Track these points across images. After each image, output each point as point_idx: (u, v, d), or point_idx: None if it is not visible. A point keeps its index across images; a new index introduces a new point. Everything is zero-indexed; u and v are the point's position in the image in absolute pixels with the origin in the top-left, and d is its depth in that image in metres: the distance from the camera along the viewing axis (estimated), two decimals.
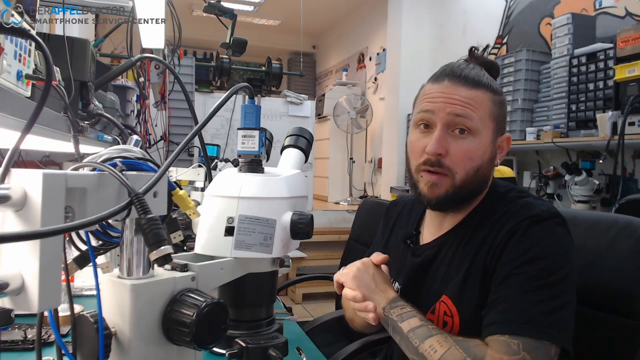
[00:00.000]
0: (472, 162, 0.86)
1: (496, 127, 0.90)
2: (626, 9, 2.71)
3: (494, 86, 0.91)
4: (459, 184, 0.86)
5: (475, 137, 0.85)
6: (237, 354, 0.64)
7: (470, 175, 0.86)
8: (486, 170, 0.90)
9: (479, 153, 0.86)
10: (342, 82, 6.23)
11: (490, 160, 0.90)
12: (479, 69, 0.92)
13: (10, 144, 0.47)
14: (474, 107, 0.85)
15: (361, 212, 2.23)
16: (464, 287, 0.86)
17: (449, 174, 0.86)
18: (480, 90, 0.87)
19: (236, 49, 2.55)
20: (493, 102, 0.89)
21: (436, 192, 0.87)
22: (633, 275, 0.90)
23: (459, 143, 0.85)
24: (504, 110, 0.92)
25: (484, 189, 0.93)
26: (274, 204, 0.66)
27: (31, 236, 0.39)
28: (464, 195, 0.89)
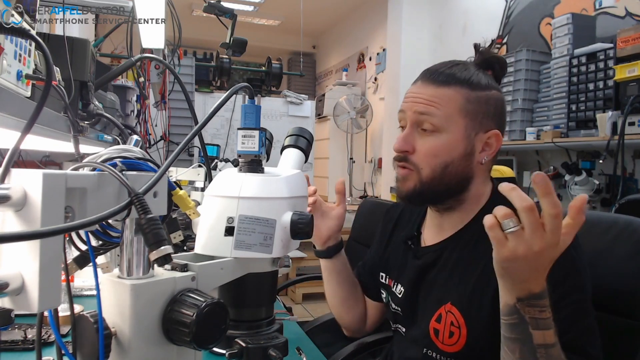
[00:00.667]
0: (437, 158, 0.87)
1: (472, 124, 0.88)
2: (626, 9, 2.71)
3: (475, 82, 0.88)
4: (426, 180, 0.88)
5: (441, 134, 0.87)
6: (237, 354, 0.64)
7: (437, 172, 0.87)
8: (460, 167, 0.88)
9: (445, 149, 0.87)
10: (342, 82, 6.23)
11: (465, 157, 0.88)
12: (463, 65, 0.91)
13: (10, 144, 0.47)
14: (439, 104, 0.87)
15: (361, 212, 2.23)
16: (473, 298, 0.85)
17: (415, 170, 0.89)
18: (452, 87, 0.87)
19: (236, 49, 2.55)
20: (467, 99, 0.87)
21: (405, 185, 0.91)
22: (633, 275, 0.90)
23: (424, 140, 0.88)
24: (488, 107, 0.89)
25: (466, 185, 0.91)
26: (274, 204, 0.66)
27: (31, 236, 0.39)
28: (435, 192, 0.89)
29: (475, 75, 0.90)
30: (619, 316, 0.91)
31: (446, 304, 0.88)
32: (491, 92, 0.90)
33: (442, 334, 0.89)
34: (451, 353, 0.88)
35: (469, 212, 0.93)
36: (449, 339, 0.87)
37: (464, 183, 0.91)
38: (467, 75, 0.89)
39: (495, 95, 0.91)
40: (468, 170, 0.90)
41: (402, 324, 1.01)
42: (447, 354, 0.88)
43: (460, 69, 0.90)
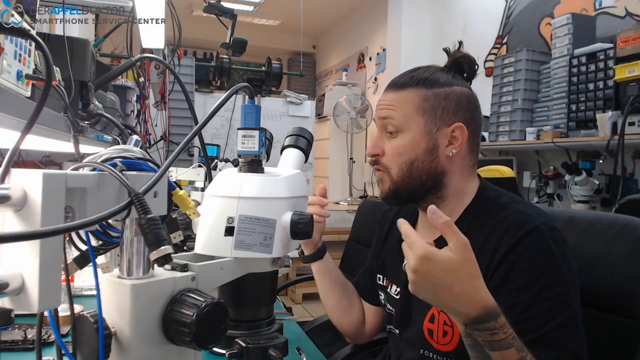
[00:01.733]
0: (402, 157, 0.92)
1: (432, 121, 0.91)
2: (626, 9, 2.71)
3: (431, 80, 0.92)
4: (396, 179, 0.92)
5: (403, 134, 0.92)
6: (237, 354, 0.64)
7: (404, 170, 0.92)
8: (426, 163, 0.91)
9: (408, 148, 0.91)
10: (342, 82, 6.23)
11: (429, 152, 0.91)
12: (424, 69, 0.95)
13: (10, 144, 0.47)
14: (396, 107, 0.92)
15: (361, 212, 2.23)
16: None
17: (386, 171, 0.94)
18: (407, 90, 0.92)
19: (236, 49, 2.55)
20: (424, 97, 0.91)
21: (382, 187, 0.96)
22: (632, 274, 0.90)
23: (389, 142, 0.94)
24: (449, 102, 0.91)
25: (440, 179, 0.92)
26: (274, 204, 0.66)
27: (31, 236, 0.39)
28: (410, 189, 0.92)
29: (433, 74, 0.94)
30: (617, 316, 0.91)
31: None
32: (452, 88, 0.93)
33: (436, 334, 0.89)
34: (447, 352, 0.88)
35: (454, 210, 0.93)
36: (443, 338, 0.88)
37: (436, 178, 0.93)
38: (425, 75, 0.93)
39: (456, 90, 0.93)
40: (437, 165, 0.92)
41: (396, 325, 1.02)
42: (443, 353, 0.89)
43: (420, 72, 0.94)
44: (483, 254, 0.84)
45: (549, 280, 0.78)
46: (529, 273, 0.79)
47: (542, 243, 0.80)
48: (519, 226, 0.82)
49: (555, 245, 0.81)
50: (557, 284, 0.78)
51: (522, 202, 0.90)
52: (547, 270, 0.79)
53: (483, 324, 0.67)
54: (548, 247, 0.80)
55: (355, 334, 1.22)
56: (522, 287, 0.79)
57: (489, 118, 3.29)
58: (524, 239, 0.81)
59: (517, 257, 0.80)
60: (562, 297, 0.78)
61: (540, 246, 0.80)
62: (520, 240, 0.81)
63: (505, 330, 0.68)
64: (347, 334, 1.23)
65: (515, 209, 0.87)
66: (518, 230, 0.82)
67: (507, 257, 0.81)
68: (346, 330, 1.21)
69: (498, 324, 0.68)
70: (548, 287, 0.78)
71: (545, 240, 0.80)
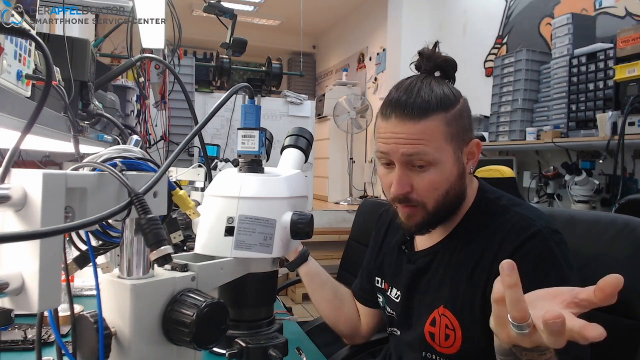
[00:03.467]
0: (439, 190, 0.86)
1: (457, 144, 0.87)
2: (626, 9, 2.70)
3: (445, 101, 0.85)
4: (432, 211, 0.88)
5: (437, 166, 0.85)
6: (237, 354, 0.64)
7: (440, 202, 0.87)
8: (458, 188, 0.89)
9: (443, 179, 0.86)
10: (342, 82, 6.23)
11: (460, 176, 0.89)
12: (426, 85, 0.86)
13: (10, 144, 0.47)
14: (426, 140, 0.83)
15: (361, 212, 2.23)
16: (465, 300, 0.85)
17: (420, 205, 0.87)
18: (430, 118, 0.83)
19: (236, 49, 2.55)
20: (447, 123, 0.84)
21: (412, 221, 0.89)
22: (632, 274, 0.90)
23: (421, 177, 0.85)
24: (463, 120, 0.87)
25: (463, 199, 0.92)
26: (274, 204, 0.66)
27: (31, 236, 0.39)
28: (442, 217, 0.90)
29: (442, 93, 0.86)
30: (617, 316, 0.91)
31: (439, 308, 0.88)
32: (459, 102, 0.88)
33: (438, 337, 0.89)
34: (450, 355, 0.88)
35: (457, 214, 0.93)
36: (445, 341, 0.88)
37: (462, 197, 0.92)
38: (437, 97, 0.85)
39: (462, 104, 0.89)
40: (464, 186, 0.91)
41: (398, 327, 1.02)
42: (446, 355, 0.89)
43: (427, 93, 0.85)
44: (485, 257, 0.84)
45: (552, 284, 0.78)
46: (533, 277, 0.78)
47: (544, 247, 0.80)
48: (520, 230, 0.82)
49: (557, 248, 0.81)
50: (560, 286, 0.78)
51: (522, 205, 0.90)
52: (550, 274, 0.78)
53: None
54: (550, 251, 0.80)
55: (351, 333, 1.21)
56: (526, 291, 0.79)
57: (489, 118, 3.29)
58: (526, 243, 0.80)
59: (520, 261, 0.80)
60: None
61: (542, 250, 0.80)
62: (523, 244, 0.81)
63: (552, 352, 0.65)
64: (344, 334, 1.23)
65: (516, 212, 0.87)
66: (520, 234, 0.82)
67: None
68: (342, 330, 1.21)
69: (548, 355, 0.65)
70: None
71: (547, 244, 0.80)
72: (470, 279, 0.85)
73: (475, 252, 0.86)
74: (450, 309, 0.87)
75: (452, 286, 0.88)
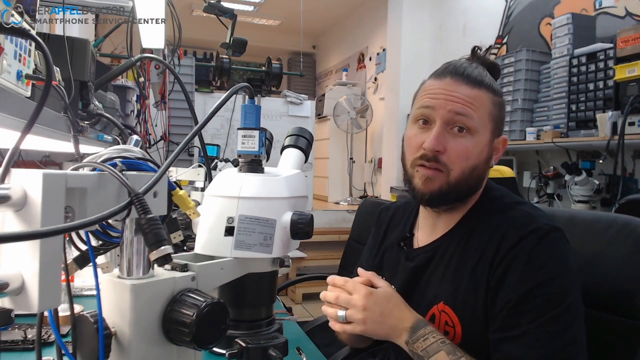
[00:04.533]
0: (469, 161, 0.86)
1: (494, 128, 0.90)
2: (626, 9, 2.71)
3: (494, 87, 0.91)
4: (454, 182, 0.86)
5: (474, 136, 0.86)
6: (237, 354, 0.64)
7: (465, 174, 0.86)
8: (482, 171, 0.90)
9: (476, 152, 0.86)
10: (342, 82, 6.24)
11: (487, 161, 0.90)
12: (481, 68, 0.92)
13: (10, 144, 0.47)
14: (475, 106, 0.85)
15: (361, 212, 2.23)
16: (465, 297, 0.85)
17: (445, 171, 0.86)
18: (482, 90, 0.87)
19: (236, 49, 2.55)
20: (493, 103, 0.89)
21: (430, 187, 0.87)
22: (632, 274, 0.90)
23: (457, 141, 0.86)
24: (502, 112, 0.92)
25: (478, 189, 0.93)
26: (274, 204, 0.66)
27: (31, 236, 0.39)
28: (458, 194, 0.89)
29: (492, 80, 0.92)
30: (617, 316, 0.91)
31: (438, 304, 0.88)
32: (502, 98, 0.93)
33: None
34: None
35: (460, 210, 0.93)
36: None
37: (478, 186, 0.92)
38: (490, 79, 0.91)
39: (504, 101, 0.94)
40: (485, 174, 0.92)
41: None
42: None
43: (482, 72, 0.90)
44: (487, 252, 0.84)
45: (545, 278, 0.78)
46: (526, 270, 0.79)
47: (541, 242, 0.81)
48: (521, 226, 0.83)
49: (554, 244, 0.81)
50: (552, 282, 0.78)
51: (526, 204, 0.90)
52: (543, 269, 0.79)
53: (417, 332, 0.81)
54: (546, 246, 0.80)
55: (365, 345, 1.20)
56: (518, 283, 0.79)
57: None
58: (525, 238, 0.81)
59: (517, 254, 0.81)
60: (555, 296, 0.78)
61: (539, 245, 0.80)
62: (522, 239, 0.81)
63: (434, 335, 0.81)
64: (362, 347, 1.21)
65: (519, 210, 0.87)
66: (520, 230, 0.82)
67: (507, 256, 0.81)
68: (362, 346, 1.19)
69: (427, 330, 0.82)
70: (542, 285, 0.78)
71: (544, 240, 0.81)
72: (473, 275, 0.85)
73: (478, 248, 0.86)
74: (450, 305, 0.87)
75: (453, 282, 0.88)
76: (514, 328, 0.78)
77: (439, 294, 0.89)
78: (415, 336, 0.81)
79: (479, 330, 0.83)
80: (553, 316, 0.76)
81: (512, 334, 0.78)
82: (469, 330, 0.84)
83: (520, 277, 0.79)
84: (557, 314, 0.76)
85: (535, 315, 0.77)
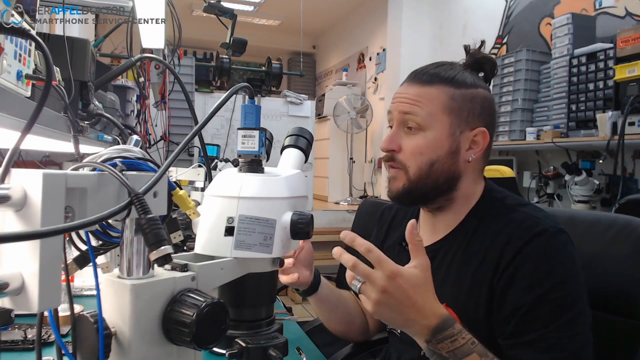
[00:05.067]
0: (423, 156, 0.88)
1: (457, 122, 0.89)
2: (626, 9, 2.71)
3: (460, 80, 0.89)
4: (413, 178, 0.89)
5: (426, 132, 0.88)
6: (237, 354, 0.64)
7: (423, 170, 0.88)
8: (446, 165, 0.89)
9: (430, 147, 0.88)
10: (342, 82, 6.23)
11: (451, 154, 0.89)
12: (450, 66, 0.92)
13: (10, 144, 0.47)
14: (422, 103, 0.88)
15: (361, 212, 2.23)
16: (468, 297, 0.85)
17: (403, 169, 0.90)
18: (435, 85, 0.89)
19: (236, 49, 2.55)
20: (451, 97, 0.88)
21: (395, 185, 0.91)
22: (632, 274, 0.90)
23: (409, 139, 0.89)
24: (474, 104, 0.89)
25: (455, 183, 0.91)
26: (274, 204, 0.66)
27: (31, 236, 0.39)
28: (423, 190, 0.90)
29: (460, 74, 0.91)
30: (618, 316, 0.91)
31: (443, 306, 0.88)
32: (477, 90, 0.91)
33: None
34: None
35: (460, 212, 0.93)
36: None
37: (452, 181, 0.91)
38: (452, 74, 0.90)
39: (482, 93, 0.91)
40: (455, 168, 0.90)
41: None
42: None
43: (446, 69, 0.91)
44: (490, 255, 0.84)
45: (554, 282, 0.78)
46: (535, 275, 0.79)
47: (548, 246, 0.80)
48: (526, 229, 0.82)
49: (561, 247, 0.81)
50: (562, 286, 0.78)
51: (528, 205, 0.90)
52: (553, 273, 0.78)
53: (443, 332, 0.72)
54: (554, 250, 0.80)
55: (362, 338, 1.21)
56: (528, 288, 0.79)
57: None
58: (531, 242, 0.80)
59: (525, 258, 0.80)
60: (566, 300, 0.77)
61: (546, 249, 0.80)
62: (528, 243, 0.81)
63: (464, 336, 0.73)
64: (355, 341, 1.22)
65: (523, 212, 0.86)
66: (526, 233, 0.81)
67: (514, 259, 0.81)
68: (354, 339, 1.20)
69: (456, 330, 0.73)
70: (553, 290, 0.77)
71: (551, 243, 0.80)
72: (475, 277, 0.85)
73: (480, 250, 0.86)
74: (452, 307, 0.87)
75: (455, 284, 0.88)
76: (526, 333, 0.77)
77: (441, 296, 0.89)
78: (441, 336, 0.72)
79: (480, 332, 0.82)
80: (566, 321, 0.76)
81: (525, 340, 0.77)
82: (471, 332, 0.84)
83: (530, 282, 0.79)
84: (569, 318, 0.76)
85: (548, 321, 0.76)
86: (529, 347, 0.76)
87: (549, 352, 0.75)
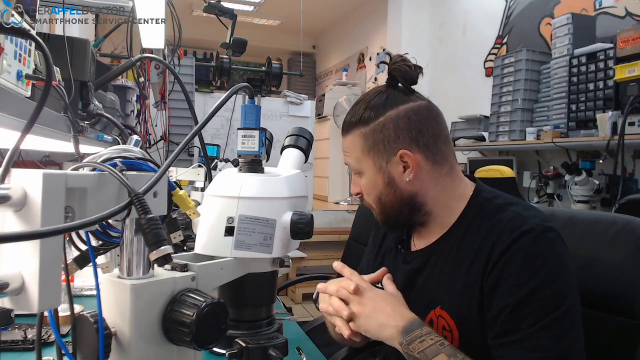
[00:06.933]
0: (370, 195, 0.94)
1: (376, 156, 0.89)
2: (626, 9, 2.71)
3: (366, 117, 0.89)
4: (380, 211, 0.95)
5: (363, 175, 0.94)
6: (237, 354, 0.64)
7: (379, 204, 0.94)
8: (391, 195, 0.91)
9: (371, 186, 0.93)
10: (342, 82, 6.23)
11: (389, 185, 0.90)
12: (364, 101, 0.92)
13: (10, 144, 0.47)
14: (349, 152, 0.95)
15: (361, 212, 2.23)
16: (461, 300, 0.85)
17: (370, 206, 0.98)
18: (351, 132, 0.93)
19: (236, 49, 2.55)
20: (364, 137, 0.90)
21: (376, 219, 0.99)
22: (632, 274, 0.90)
23: (361, 182, 0.96)
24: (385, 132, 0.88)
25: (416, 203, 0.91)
26: (274, 204, 0.66)
27: (31, 236, 0.39)
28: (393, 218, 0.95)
29: (367, 108, 0.90)
30: (617, 316, 0.91)
31: (435, 309, 0.88)
32: (385, 116, 0.88)
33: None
34: None
35: (449, 215, 0.92)
36: None
37: (412, 203, 0.92)
38: (359, 114, 0.91)
39: (390, 116, 0.89)
40: (402, 193, 0.90)
41: None
42: None
43: (358, 108, 0.92)
44: (480, 256, 0.84)
45: (540, 282, 0.78)
46: (520, 274, 0.79)
47: (534, 244, 0.80)
48: (512, 228, 0.82)
49: (548, 245, 0.80)
50: (549, 285, 0.78)
51: (518, 204, 0.89)
52: (538, 272, 0.78)
53: (412, 333, 0.79)
54: (540, 248, 0.80)
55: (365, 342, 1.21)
56: (514, 287, 0.79)
57: (489, 118, 3.29)
58: (517, 241, 0.80)
59: (510, 258, 0.80)
60: (553, 299, 0.77)
61: (532, 247, 0.80)
62: (514, 242, 0.80)
63: (432, 337, 0.79)
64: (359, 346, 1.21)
65: (511, 211, 0.86)
66: (512, 232, 0.81)
67: (501, 259, 0.80)
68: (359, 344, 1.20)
69: (424, 331, 0.80)
70: (539, 289, 0.77)
71: (538, 242, 0.80)
72: (467, 278, 0.85)
73: (470, 252, 0.86)
74: (446, 310, 0.87)
75: (448, 287, 0.88)
76: (512, 333, 0.77)
77: (435, 298, 0.89)
78: (410, 337, 0.79)
79: (475, 334, 0.83)
80: (552, 320, 0.76)
81: (511, 339, 0.77)
82: (465, 335, 0.84)
83: (516, 282, 0.78)
84: (556, 317, 0.76)
85: (534, 320, 0.76)
86: (516, 346, 0.77)
87: (536, 351, 0.75)
